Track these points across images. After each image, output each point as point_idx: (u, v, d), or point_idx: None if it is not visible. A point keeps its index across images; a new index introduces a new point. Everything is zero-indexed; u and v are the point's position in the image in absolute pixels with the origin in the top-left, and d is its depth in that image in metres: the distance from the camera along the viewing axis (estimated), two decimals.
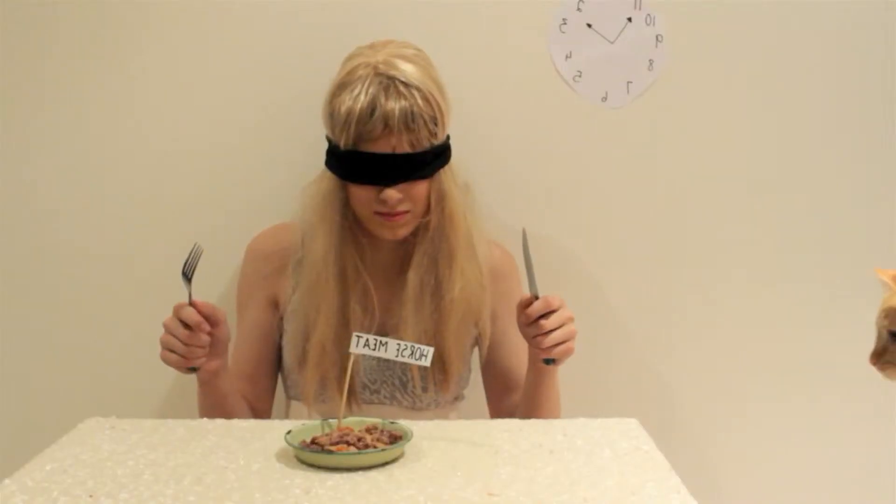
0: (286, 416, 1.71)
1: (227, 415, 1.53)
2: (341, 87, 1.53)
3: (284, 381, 1.71)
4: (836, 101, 1.85)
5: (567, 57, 1.82)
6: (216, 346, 1.50)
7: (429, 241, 1.59)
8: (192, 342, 1.44)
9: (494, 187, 1.79)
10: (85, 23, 1.79)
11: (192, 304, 1.44)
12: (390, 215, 1.54)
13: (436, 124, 1.53)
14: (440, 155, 1.57)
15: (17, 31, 1.79)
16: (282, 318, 1.68)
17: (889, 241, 1.87)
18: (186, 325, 1.43)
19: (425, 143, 1.53)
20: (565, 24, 1.81)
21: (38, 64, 1.80)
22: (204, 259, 1.45)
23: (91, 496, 1.09)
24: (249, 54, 1.81)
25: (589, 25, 1.81)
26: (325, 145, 1.59)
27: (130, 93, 1.81)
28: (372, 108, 1.49)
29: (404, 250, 1.62)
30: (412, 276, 1.59)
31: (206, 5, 1.80)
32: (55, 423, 1.35)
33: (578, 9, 1.80)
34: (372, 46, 1.57)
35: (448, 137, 1.59)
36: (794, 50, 1.84)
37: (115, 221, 1.83)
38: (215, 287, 1.79)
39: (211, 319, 1.46)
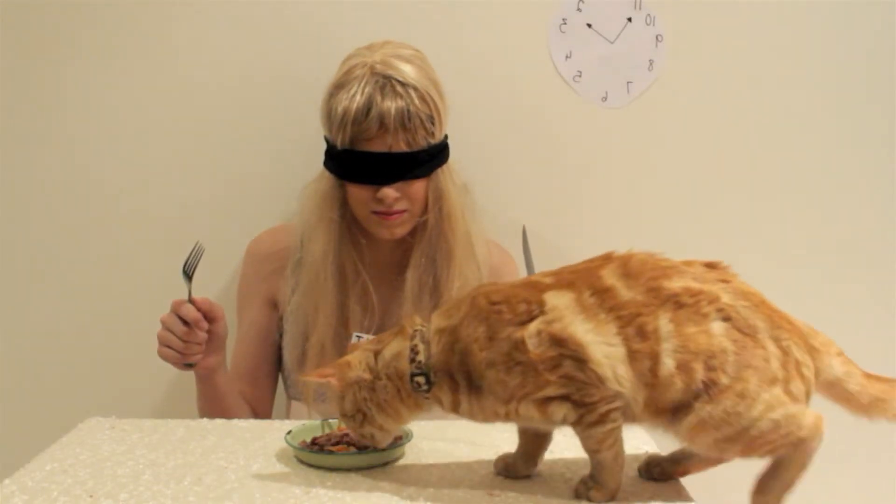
0: (287, 415, 1.71)
1: (226, 414, 1.53)
2: (338, 87, 1.53)
3: (285, 381, 1.71)
4: (837, 99, 1.85)
5: (567, 57, 1.82)
6: (213, 343, 1.50)
7: (427, 240, 1.59)
8: (189, 339, 1.44)
9: (494, 187, 1.79)
10: (86, 24, 1.79)
11: (191, 301, 1.44)
12: (388, 214, 1.54)
13: (433, 123, 1.53)
14: (437, 154, 1.57)
15: (18, 32, 1.79)
16: (281, 319, 1.68)
17: (890, 241, 1.87)
18: (185, 322, 1.44)
19: (422, 143, 1.53)
20: (565, 24, 1.81)
21: (40, 65, 1.80)
22: (203, 259, 1.46)
23: (91, 496, 1.09)
24: (249, 55, 1.81)
25: (589, 25, 1.81)
26: (324, 146, 1.59)
27: (131, 93, 1.81)
28: (368, 107, 1.49)
29: (403, 250, 1.62)
30: (411, 276, 1.59)
31: (206, 7, 1.80)
32: (55, 423, 1.35)
33: (578, 9, 1.80)
34: (369, 47, 1.57)
35: (446, 137, 1.59)
36: (794, 49, 1.84)
37: (116, 222, 1.83)
38: (214, 287, 1.79)
39: (209, 316, 1.46)
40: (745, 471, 1.07)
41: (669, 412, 1.05)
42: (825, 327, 1.69)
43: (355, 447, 1.22)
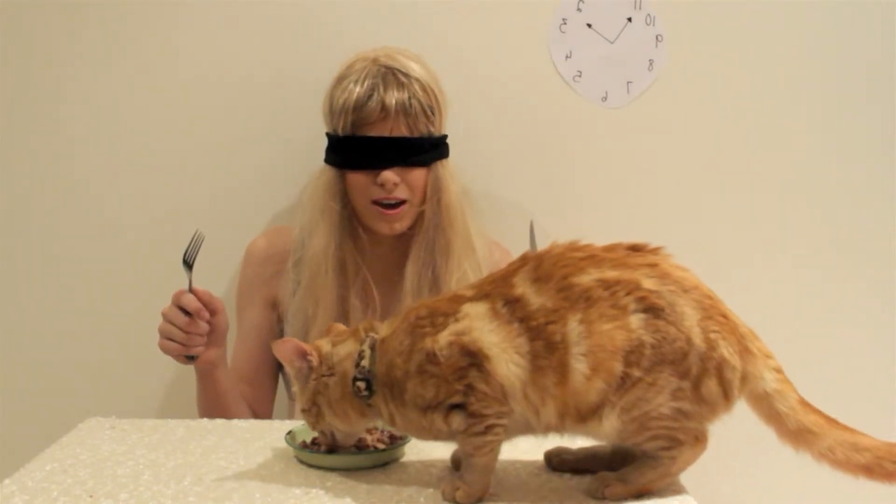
0: (289, 415, 1.71)
1: (226, 414, 1.53)
2: (340, 79, 1.56)
3: (286, 381, 1.71)
4: (836, 99, 1.85)
5: (567, 57, 1.82)
6: (214, 335, 1.50)
7: (424, 232, 1.60)
8: (191, 329, 1.44)
9: (494, 187, 1.79)
10: (86, 24, 1.79)
11: (192, 291, 1.44)
12: (388, 206, 1.55)
13: (433, 113, 1.56)
14: (437, 146, 1.58)
15: (18, 32, 1.79)
16: (281, 319, 1.68)
17: (890, 241, 1.87)
18: (186, 312, 1.43)
19: (423, 129, 1.55)
20: (565, 24, 1.81)
21: (40, 65, 1.80)
22: (201, 259, 1.45)
23: (91, 496, 1.09)
24: (250, 56, 1.81)
25: (589, 25, 1.81)
26: (325, 146, 1.59)
27: (130, 92, 1.81)
28: (370, 94, 1.52)
29: (403, 246, 1.63)
30: (410, 270, 1.60)
31: (206, 8, 1.80)
32: (55, 423, 1.35)
33: (578, 9, 1.80)
34: (371, 50, 1.60)
35: (445, 137, 1.60)
36: (794, 50, 1.84)
37: (116, 222, 1.83)
38: (214, 288, 1.79)
39: (209, 307, 1.46)
40: (743, 469, 1.08)
41: (594, 414, 1.04)
42: (825, 327, 1.70)
43: (355, 447, 1.22)
